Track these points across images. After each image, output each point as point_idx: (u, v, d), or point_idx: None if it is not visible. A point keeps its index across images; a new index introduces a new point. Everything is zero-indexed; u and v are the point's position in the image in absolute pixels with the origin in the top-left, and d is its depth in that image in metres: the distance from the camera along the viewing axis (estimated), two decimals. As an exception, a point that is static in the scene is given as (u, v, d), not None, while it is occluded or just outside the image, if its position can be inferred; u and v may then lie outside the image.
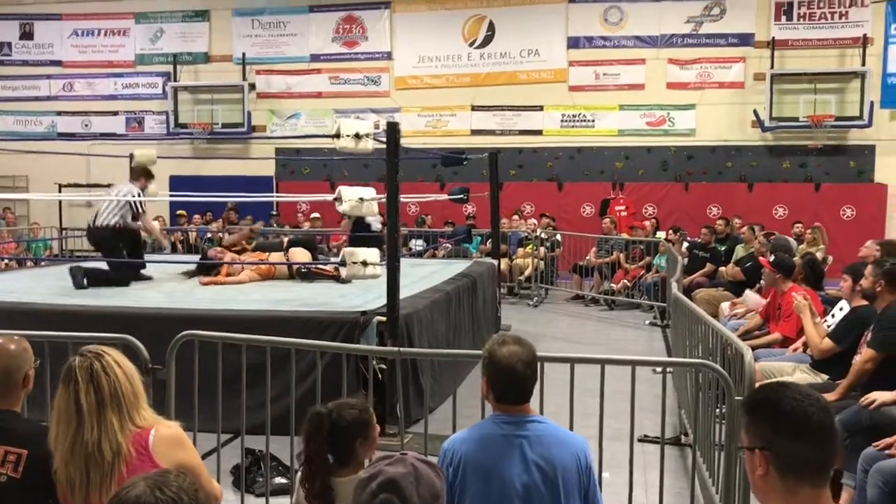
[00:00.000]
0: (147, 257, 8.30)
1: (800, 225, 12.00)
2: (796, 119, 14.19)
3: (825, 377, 5.02)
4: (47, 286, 7.50)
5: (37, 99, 17.24)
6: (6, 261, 11.81)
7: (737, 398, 3.44)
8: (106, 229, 7.55)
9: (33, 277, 8.44)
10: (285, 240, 9.06)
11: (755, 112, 14.39)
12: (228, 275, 7.86)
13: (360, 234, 9.17)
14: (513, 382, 2.62)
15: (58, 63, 17.21)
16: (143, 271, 7.90)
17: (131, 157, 9.20)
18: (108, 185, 15.27)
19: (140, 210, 7.72)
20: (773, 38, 14.42)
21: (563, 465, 2.57)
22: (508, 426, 2.61)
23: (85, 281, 7.29)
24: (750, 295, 7.48)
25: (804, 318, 5.34)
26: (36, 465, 2.55)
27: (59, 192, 15.50)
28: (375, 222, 9.44)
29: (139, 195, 7.73)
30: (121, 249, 7.64)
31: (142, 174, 8.11)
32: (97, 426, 2.46)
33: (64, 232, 15.67)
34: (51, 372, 3.82)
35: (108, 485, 2.44)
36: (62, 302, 6.50)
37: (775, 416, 1.78)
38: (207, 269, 8.03)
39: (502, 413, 2.64)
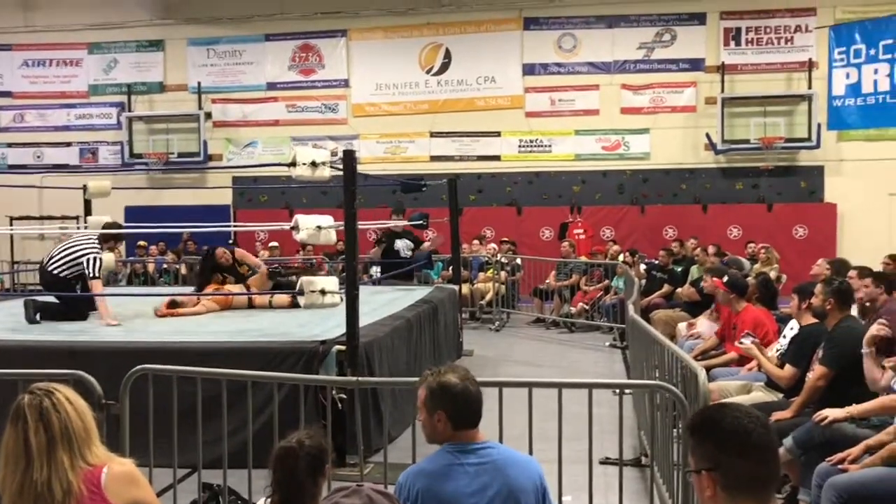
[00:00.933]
0: (103, 291, 8.05)
1: (752, 245, 12.24)
2: (747, 141, 14.53)
3: (780, 395, 5.10)
4: (-2, 321, 7.32)
5: (-14, 130, 16.95)
6: (-45, 296, 11.51)
7: (690, 416, 3.47)
8: (56, 276, 7.25)
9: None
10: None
11: (707, 135, 14.70)
12: (183, 305, 7.75)
13: (390, 260, 9.94)
14: (470, 404, 2.66)
15: (8, 94, 16.95)
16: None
17: (85, 188, 9.07)
18: (62, 218, 15.11)
19: (94, 275, 7.13)
20: (723, 62, 14.78)
21: (521, 487, 2.59)
22: (462, 454, 2.63)
23: (38, 316, 7.08)
24: (702, 322, 7.61)
25: (759, 360, 5.41)
26: (-19, 510, 2.48)
27: (11, 224, 15.20)
28: (405, 249, 9.86)
29: (96, 260, 7.15)
30: (73, 287, 7.34)
31: (111, 238, 7.66)
32: (47, 465, 2.41)
33: (16, 266, 15.35)
34: (0, 411, 3.73)
35: (59, 526, 2.39)
36: (13, 338, 6.35)
37: (718, 436, 1.82)
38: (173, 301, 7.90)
39: (455, 442, 2.66)
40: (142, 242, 14.86)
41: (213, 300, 7.88)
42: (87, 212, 9.57)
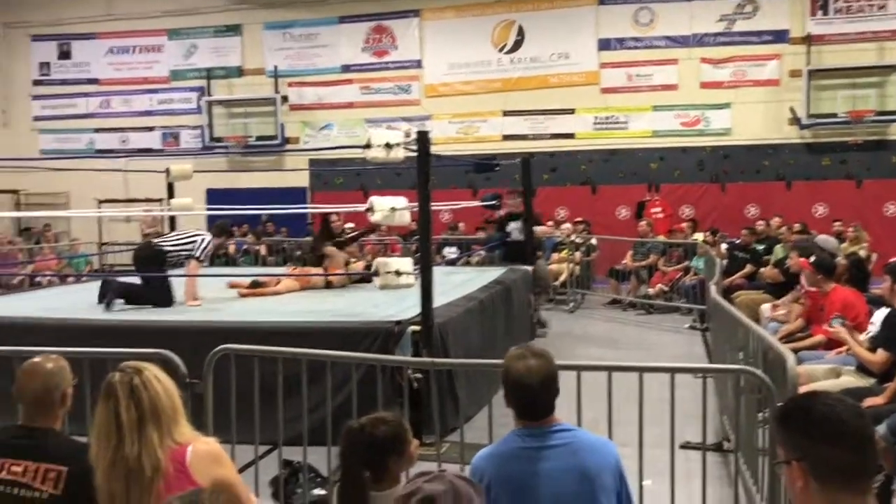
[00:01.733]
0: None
1: (840, 223, 11.76)
2: (835, 115, 13.93)
3: (872, 380, 4.90)
4: (88, 302, 7.60)
5: (75, 117, 17.57)
6: (48, 277, 12.03)
7: (779, 404, 3.35)
8: (158, 250, 7.38)
9: (74, 293, 8.58)
10: None
11: (792, 109, 14.16)
12: (265, 286, 7.93)
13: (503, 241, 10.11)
14: (528, 399, 2.55)
15: (94, 81, 17.53)
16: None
17: (167, 171, 9.34)
18: (146, 200, 15.58)
19: (199, 256, 7.37)
20: (809, 33, 14.18)
21: (597, 470, 2.52)
22: (532, 439, 2.55)
23: (121, 302, 7.10)
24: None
25: (849, 344, 5.20)
26: (76, 482, 2.57)
27: (99, 207, 15.78)
28: (516, 231, 9.75)
29: (208, 244, 7.45)
30: (164, 271, 7.51)
31: (224, 232, 8.20)
32: (138, 442, 2.47)
33: (104, 247, 15.93)
34: (91, 388, 3.87)
35: (148, 500, 2.46)
36: (102, 317, 6.60)
37: (809, 425, 1.74)
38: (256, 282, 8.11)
39: (525, 426, 2.58)
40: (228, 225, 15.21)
41: (293, 280, 8.03)
42: (170, 195, 9.84)
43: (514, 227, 9.74)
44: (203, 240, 7.41)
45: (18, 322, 6.47)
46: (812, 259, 6.32)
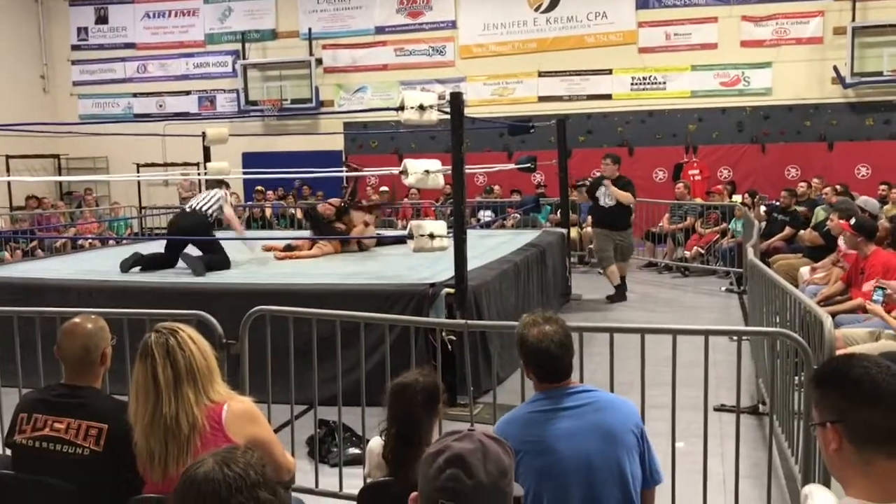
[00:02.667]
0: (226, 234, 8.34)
1: (884, 186, 11.48)
2: (880, 73, 13.52)
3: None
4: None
5: (113, 81, 17.72)
6: (90, 240, 12.25)
7: (815, 367, 3.32)
8: (203, 214, 7.54)
9: (115, 256, 8.73)
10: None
11: (835, 68, 13.77)
12: (299, 249, 8.00)
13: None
14: (548, 363, 2.60)
15: (132, 45, 17.63)
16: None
17: (203, 135, 9.40)
18: (184, 164, 15.74)
19: (225, 206, 7.72)
20: (855, -12, 13.73)
21: (619, 428, 2.56)
22: (552, 401, 2.59)
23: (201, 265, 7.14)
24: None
25: (885, 319, 5.11)
26: (116, 439, 2.64)
27: (138, 171, 15.98)
28: (604, 197, 9.48)
29: (226, 196, 7.82)
30: (212, 233, 7.67)
31: (220, 183, 8.26)
32: (174, 400, 2.53)
33: (143, 211, 16.17)
34: (130, 347, 3.95)
35: (185, 457, 2.52)
36: (141, 280, 6.72)
37: (845, 387, 1.72)
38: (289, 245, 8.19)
39: (545, 390, 2.62)
40: (259, 187, 15.35)
41: (328, 244, 8.07)
42: (207, 158, 9.94)
43: (602, 193, 9.47)
44: (218, 193, 7.69)
45: (62, 283, 6.63)
46: (852, 221, 6.19)
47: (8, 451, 2.86)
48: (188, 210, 7.76)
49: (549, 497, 2.49)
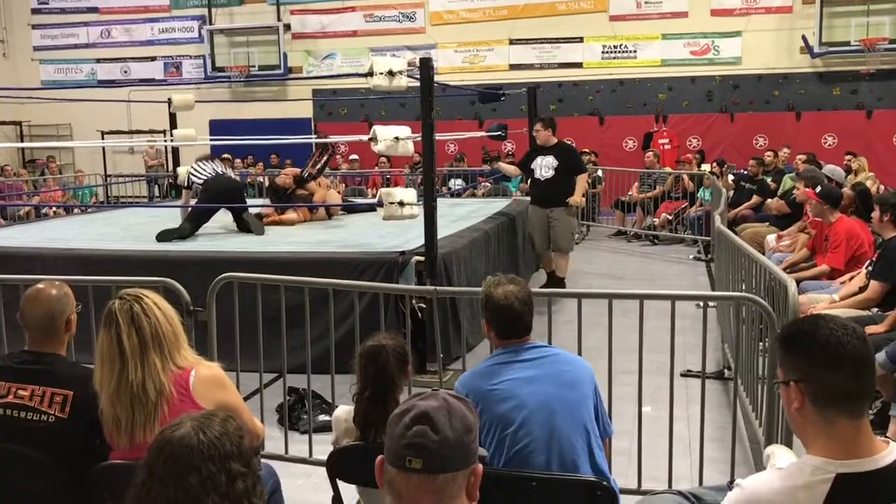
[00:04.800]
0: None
1: (850, 156, 11.62)
2: (847, 43, 13.64)
3: (875, 309, 4.91)
4: (94, 232, 7.64)
5: (76, 47, 17.34)
6: (54, 209, 12.05)
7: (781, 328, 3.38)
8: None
9: (80, 225, 8.61)
10: None
11: (804, 37, 13.86)
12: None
13: None
14: (512, 319, 2.75)
15: (94, 10, 17.23)
16: None
17: (169, 102, 9.24)
18: (150, 132, 15.47)
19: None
20: (824, -43, 13.78)
21: (577, 379, 2.70)
22: (513, 353, 2.74)
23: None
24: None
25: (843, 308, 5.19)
26: (82, 406, 2.61)
27: (102, 139, 15.69)
28: (543, 168, 7.77)
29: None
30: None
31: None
32: (140, 367, 2.51)
33: (109, 179, 15.92)
34: (95, 315, 3.90)
35: (152, 424, 2.50)
36: (107, 248, 6.63)
37: (810, 348, 1.76)
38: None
39: (505, 346, 2.78)
40: (227, 155, 15.13)
41: (296, 212, 8.01)
42: (173, 125, 9.78)
43: (539, 164, 7.80)
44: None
45: (25, 252, 6.51)
46: (818, 189, 6.27)
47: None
48: (226, 174, 7.69)
49: (512, 441, 2.58)
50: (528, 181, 8.27)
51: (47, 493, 2.65)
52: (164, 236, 6.98)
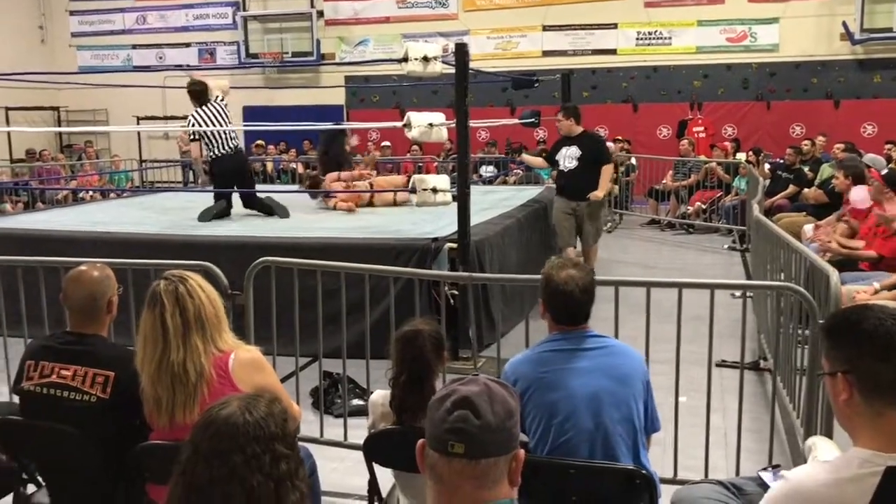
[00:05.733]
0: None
1: (890, 145, 11.39)
2: (890, 29, 13.34)
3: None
4: (131, 216, 7.74)
5: (112, 33, 17.50)
6: (90, 193, 12.22)
7: (821, 322, 3.32)
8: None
9: (116, 208, 8.72)
10: None
11: (844, 24, 13.58)
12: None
13: None
14: (570, 307, 2.66)
15: (130, -4, 17.38)
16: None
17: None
18: (184, 117, 15.56)
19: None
20: (867, -59, 13.48)
21: (630, 374, 2.63)
22: (568, 342, 2.67)
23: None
24: (856, 191, 6.55)
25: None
26: (123, 386, 2.65)
27: (137, 124, 15.86)
28: (568, 159, 7.46)
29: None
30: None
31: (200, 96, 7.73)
32: (182, 347, 2.53)
33: (144, 164, 16.09)
34: (135, 298, 3.95)
35: (192, 405, 2.53)
36: (144, 231, 6.71)
37: (857, 338, 1.72)
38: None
39: (561, 332, 2.70)
40: (260, 142, 15.25)
41: (351, 199, 8.04)
42: (208, 111, 9.80)
43: (564, 155, 7.50)
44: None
45: (63, 235, 6.62)
46: (884, 172, 6.13)
47: (16, 399, 2.87)
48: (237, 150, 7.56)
49: (557, 431, 2.55)
50: (556, 172, 8.01)
51: (88, 470, 2.70)
52: (204, 216, 7.07)
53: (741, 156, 12.28)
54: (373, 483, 2.83)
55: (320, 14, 16.05)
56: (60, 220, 7.51)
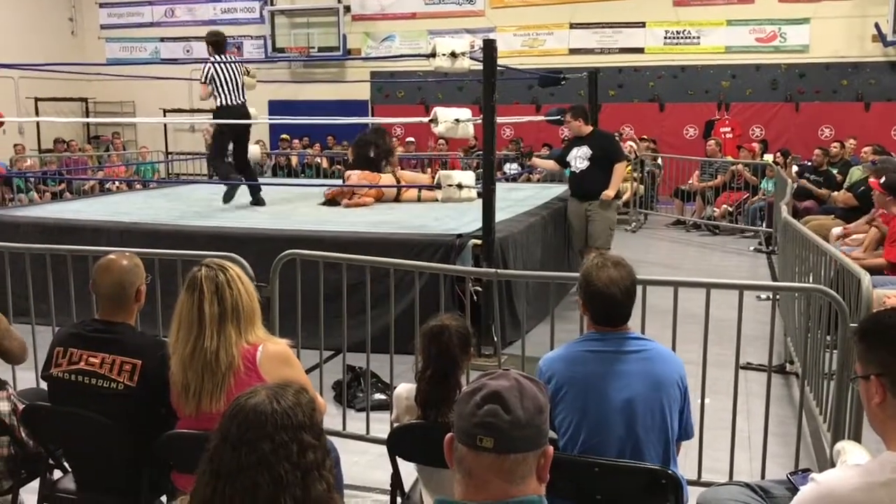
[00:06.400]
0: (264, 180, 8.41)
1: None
2: (923, 32, 13.14)
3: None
4: (157, 207, 7.80)
5: (140, 25, 17.63)
6: (117, 183, 12.33)
7: (851, 325, 3.27)
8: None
9: (144, 199, 8.79)
10: None
11: (876, 25, 13.39)
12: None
13: None
14: (611, 309, 2.57)
15: (159, -12, 17.50)
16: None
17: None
18: (210, 111, 15.66)
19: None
20: (900, -60, 13.27)
21: (667, 379, 2.55)
22: (606, 343, 2.58)
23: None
24: None
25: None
26: (150, 375, 2.67)
27: (164, 116, 15.97)
28: (576, 160, 7.32)
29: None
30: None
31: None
32: (217, 336, 2.55)
33: (170, 155, 16.21)
34: (161, 287, 3.98)
35: (219, 394, 2.54)
36: (171, 222, 6.75)
37: (891, 341, 1.69)
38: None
39: (600, 332, 2.62)
40: (285, 136, 15.31)
41: (369, 194, 8.00)
42: (235, 104, 9.85)
43: (575, 156, 7.34)
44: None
45: (92, 225, 6.68)
46: (882, 179, 6.06)
47: (44, 385, 2.90)
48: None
49: (588, 434, 2.51)
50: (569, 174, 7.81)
51: (114, 457, 2.73)
52: (228, 197, 7.21)
53: (768, 157, 12.16)
54: (396, 477, 2.83)
55: (347, 9, 16.07)
56: (88, 210, 7.59)
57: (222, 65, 7.63)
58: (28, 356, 3.30)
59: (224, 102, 7.60)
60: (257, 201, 7.85)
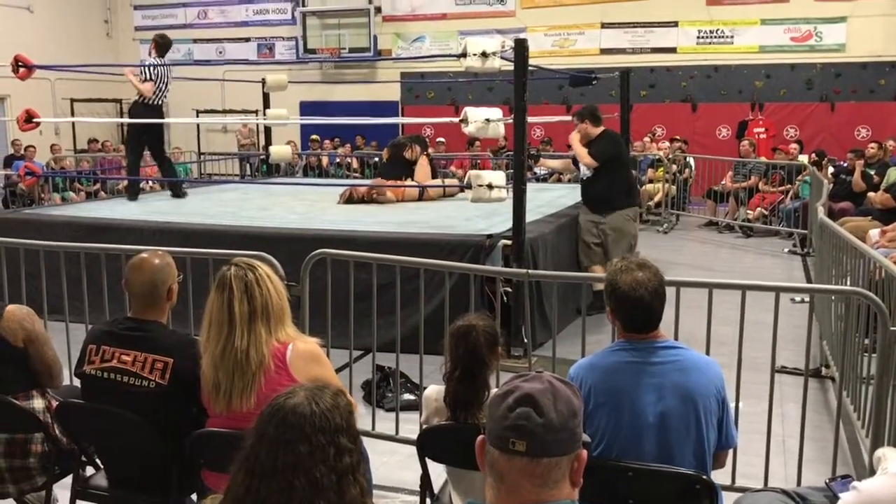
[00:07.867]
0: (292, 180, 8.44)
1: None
2: (964, 30, 12.88)
3: None
4: (189, 207, 7.87)
5: (173, 27, 17.79)
6: (150, 183, 12.46)
7: (892, 329, 3.20)
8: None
9: (176, 199, 8.86)
10: None
11: (916, 23, 13.14)
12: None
13: None
14: (639, 314, 2.45)
15: (192, -9, 17.69)
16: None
17: (263, 81, 9.41)
18: (242, 111, 15.82)
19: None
20: (941, -63, 13.02)
21: (702, 391, 2.44)
22: (638, 353, 2.48)
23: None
24: None
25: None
26: (181, 373, 2.67)
27: (197, 117, 16.12)
28: (582, 168, 6.89)
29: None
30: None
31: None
32: (247, 335, 2.55)
33: (202, 156, 16.36)
34: (193, 286, 4.01)
35: (249, 393, 2.54)
36: (201, 221, 6.81)
37: None
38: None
39: (630, 340, 2.51)
40: (315, 136, 15.39)
41: (394, 192, 8.00)
42: (266, 105, 9.97)
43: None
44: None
45: (125, 224, 6.76)
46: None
47: (77, 382, 2.92)
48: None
49: (621, 449, 2.44)
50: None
51: (146, 455, 2.74)
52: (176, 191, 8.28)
53: (803, 158, 11.98)
54: (425, 478, 2.81)
55: (378, 10, 16.12)
56: (121, 210, 7.67)
57: (161, 67, 8.42)
58: (62, 380, 3.23)
59: (152, 101, 8.27)
60: (177, 194, 8.76)
